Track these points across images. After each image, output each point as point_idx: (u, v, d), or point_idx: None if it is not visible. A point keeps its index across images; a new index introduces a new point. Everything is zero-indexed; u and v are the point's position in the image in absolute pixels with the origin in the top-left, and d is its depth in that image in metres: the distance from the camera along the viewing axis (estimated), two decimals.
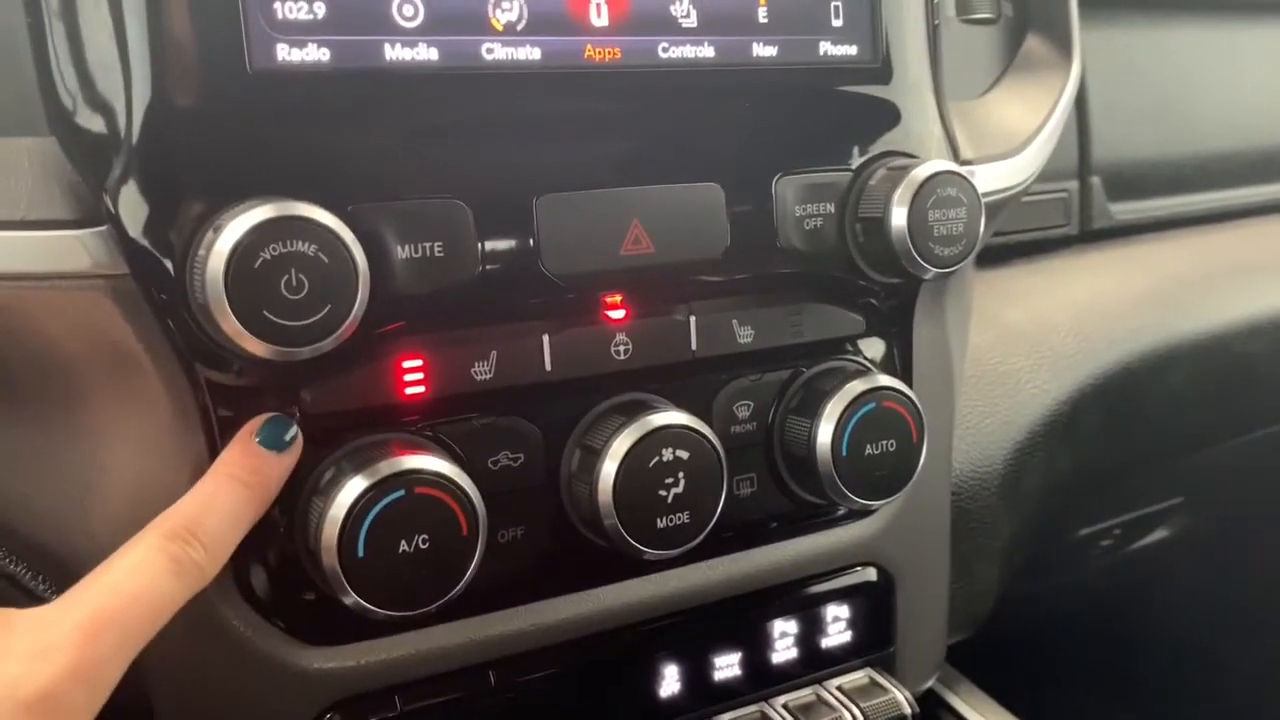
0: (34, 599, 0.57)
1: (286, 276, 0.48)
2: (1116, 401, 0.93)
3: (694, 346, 0.64)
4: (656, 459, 0.59)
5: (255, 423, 0.54)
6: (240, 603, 0.56)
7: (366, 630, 0.59)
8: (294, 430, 0.54)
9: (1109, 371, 0.93)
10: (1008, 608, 1.22)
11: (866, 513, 0.73)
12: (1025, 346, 0.89)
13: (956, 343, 0.81)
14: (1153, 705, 1.59)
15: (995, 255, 0.96)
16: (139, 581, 0.47)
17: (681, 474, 0.60)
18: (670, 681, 0.68)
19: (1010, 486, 0.85)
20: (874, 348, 0.72)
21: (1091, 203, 1.05)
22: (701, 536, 0.62)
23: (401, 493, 0.53)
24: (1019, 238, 0.99)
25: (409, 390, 0.57)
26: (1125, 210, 1.07)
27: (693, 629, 0.68)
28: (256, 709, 0.57)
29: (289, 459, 0.54)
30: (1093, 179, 1.05)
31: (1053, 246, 1.00)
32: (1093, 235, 1.05)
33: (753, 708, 0.70)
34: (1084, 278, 0.99)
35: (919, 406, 0.67)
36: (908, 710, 0.71)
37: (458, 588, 0.55)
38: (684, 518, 0.60)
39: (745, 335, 0.66)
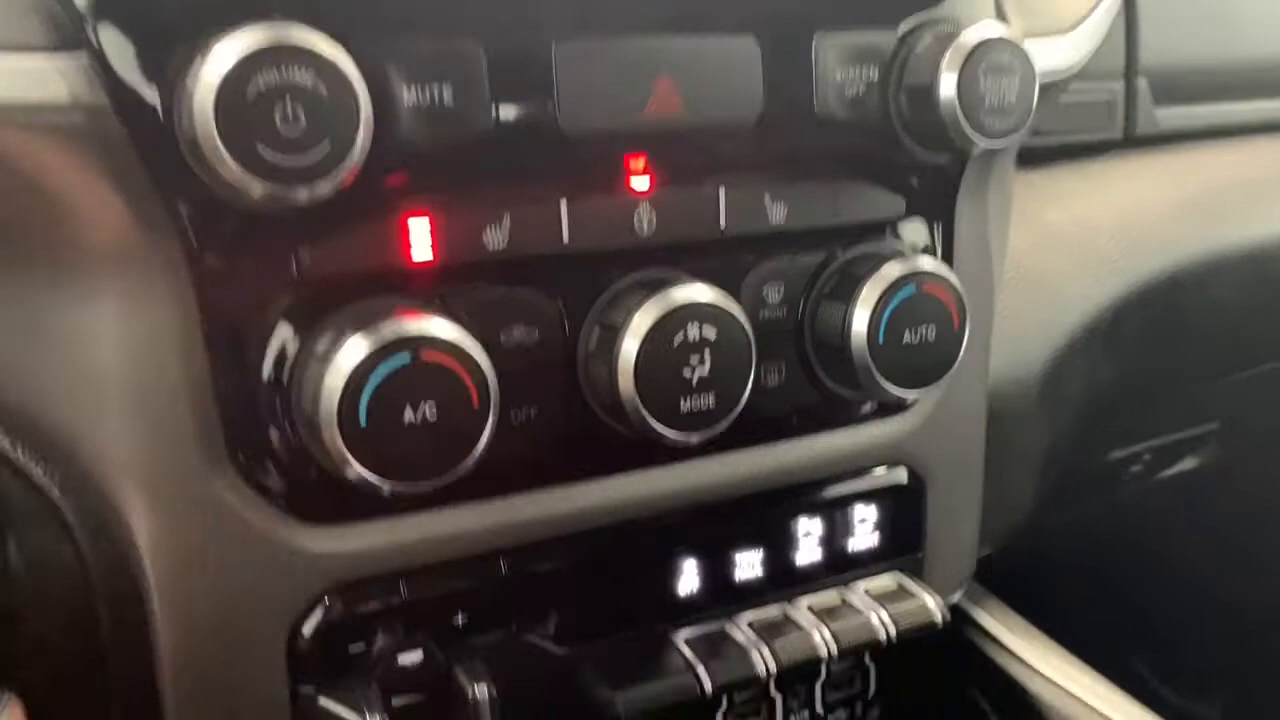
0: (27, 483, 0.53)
1: (282, 109, 0.44)
2: (1159, 311, 0.89)
3: (723, 222, 0.59)
4: (681, 336, 0.55)
5: None
6: (235, 478, 0.53)
7: (370, 510, 0.55)
8: None
9: (1153, 279, 0.88)
10: (1034, 534, 1.20)
11: (898, 410, 0.69)
12: (1067, 249, 0.85)
13: (997, 236, 0.77)
14: (1165, 642, 1.57)
15: (1036, 157, 0.90)
16: None
17: (708, 353, 0.56)
18: (689, 578, 0.64)
19: (1050, 393, 0.81)
20: (915, 232, 0.67)
21: (1137, 106, 0.99)
22: (728, 421, 0.58)
23: (408, 358, 0.49)
24: (1061, 139, 0.93)
25: (415, 254, 0.53)
26: (1171, 116, 1.01)
27: (714, 525, 0.65)
28: (253, 590, 0.54)
29: None
30: (1139, 80, 0.99)
31: (1096, 150, 0.95)
32: (1137, 141, 0.99)
33: (775, 608, 0.67)
34: (1128, 183, 0.93)
35: (960, 291, 0.63)
36: (937, 616, 0.68)
37: (467, 462, 0.51)
38: (709, 401, 0.56)
39: (778, 213, 0.61)
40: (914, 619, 0.67)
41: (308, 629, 0.55)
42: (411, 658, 0.57)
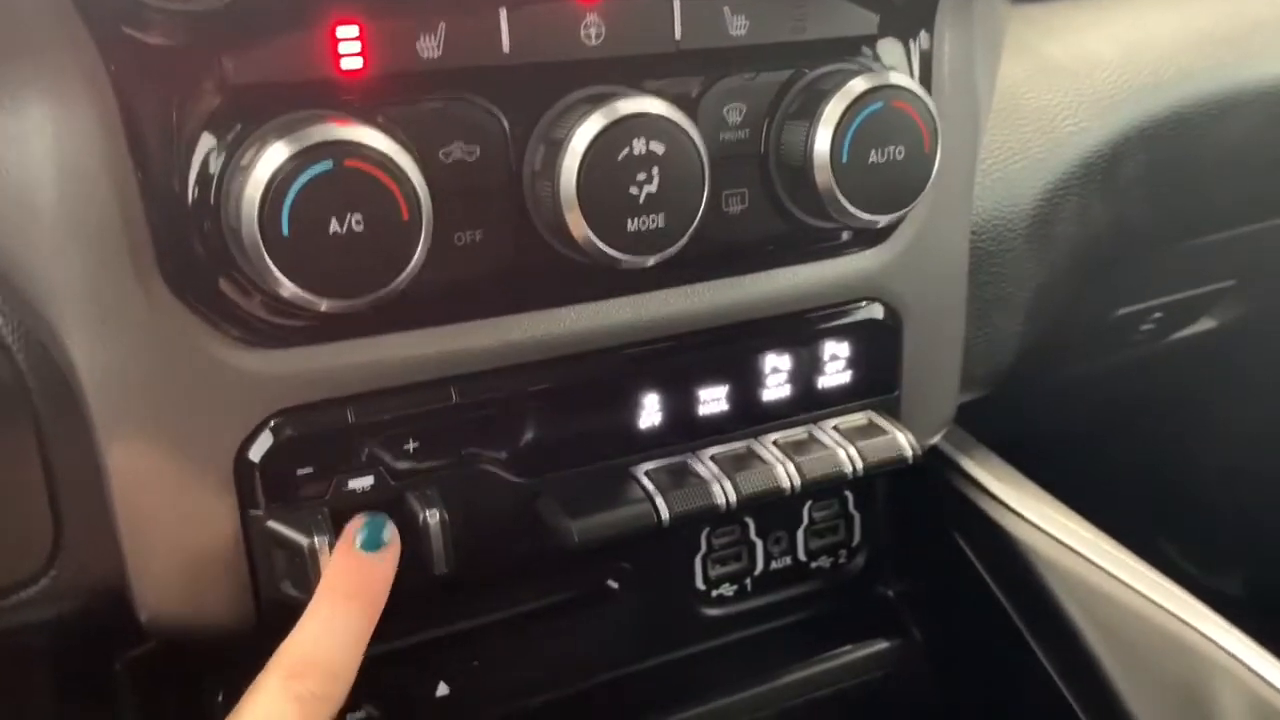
0: None
1: None
2: (1164, 151, 0.85)
3: (678, 34, 0.56)
4: (626, 151, 0.53)
5: (353, 528, 0.55)
6: (173, 301, 0.52)
7: (315, 334, 0.54)
8: (391, 529, 0.55)
9: (1158, 115, 0.84)
10: (1042, 396, 1.17)
11: (874, 243, 0.67)
12: (1065, 82, 0.80)
13: (986, 63, 0.73)
14: (1188, 515, 1.55)
15: None
16: None
17: (656, 169, 0.54)
18: (651, 412, 0.63)
19: (1038, 233, 0.78)
20: (890, 52, 0.64)
21: None
22: (681, 242, 0.56)
23: (329, 164, 0.47)
24: None
25: (345, 63, 0.50)
26: None
27: (676, 358, 0.63)
28: (197, 414, 0.53)
29: (390, 559, 0.55)
30: None
31: None
32: None
33: (740, 443, 0.66)
34: (1139, 13, 0.88)
35: (932, 109, 0.59)
36: (908, 451, 0.66)
37: (400, 278, 0.50)
38: (659, 220, 0.54)
39: (739, 26, 0.58)
40: (882, 454, 0.66)
41: (254, 453, 0.54)
42: (362, 483, 0.57)
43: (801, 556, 0.84)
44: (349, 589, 0.53)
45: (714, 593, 0.82)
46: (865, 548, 0.86)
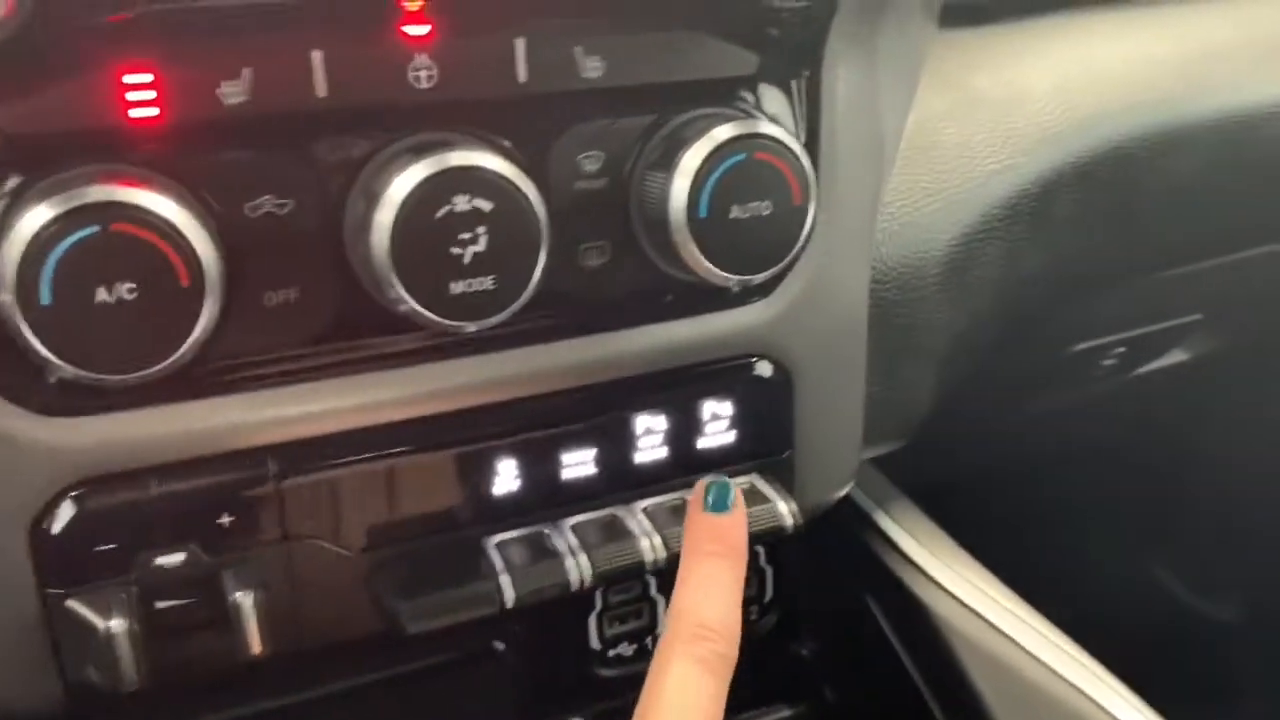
0: None
1: None
2: (1103, 188, 0.79)
3: (522, 76, 0.52)
4: (447, 209, 0.48)
5: (698, 495, 0.56)
6: None
7: (113, 402, 0.50)
8: (733, 490, 0.56)
9: (1097, 151, 0.78)
10: (1001, 432, 1.12)
11: (759, 296, 0.62)
12: (990, 115, 0.75)
13: (894, 95, 0.68)
14: (1178, 541, 1.51)
15: (964, 14, 0.80)
16: (688, 699, 0.49)
17: (482, 228, 0.49)
18: (506, 479, 0.59)
19: (954, 279, 0.73)
20: (771, 96, 0.59)
21: None
22: (517, 305, 0.51)
23: (95, 229, 0.43)
24: None
25: (136, 111, 0.46)
26: None
27: (534, 419, 0.59)
28: None
29: (741, 515, 0.56)
30: None
31: (1042, 7, 0.84)
32: None
33: (607, 512, 0.61)
34: (1079, 41, 0.83)
35: (803, 160, 0.55)
36: (787, 521, 0.62)
37: (183, 349, 0.45)
38: (487, 282, 0.50)
39: (593, 67, 0.53)
40: (761, 524, 0.61)
41: (53, 527, 0.50)
42: (171, 559, 0.52)
43: None
44: (714, 547, 0.54)
45: (610, 652, 0.77)
46: (777, 606, 0.81)
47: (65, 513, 0.50)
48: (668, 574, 0.74)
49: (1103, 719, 0.66)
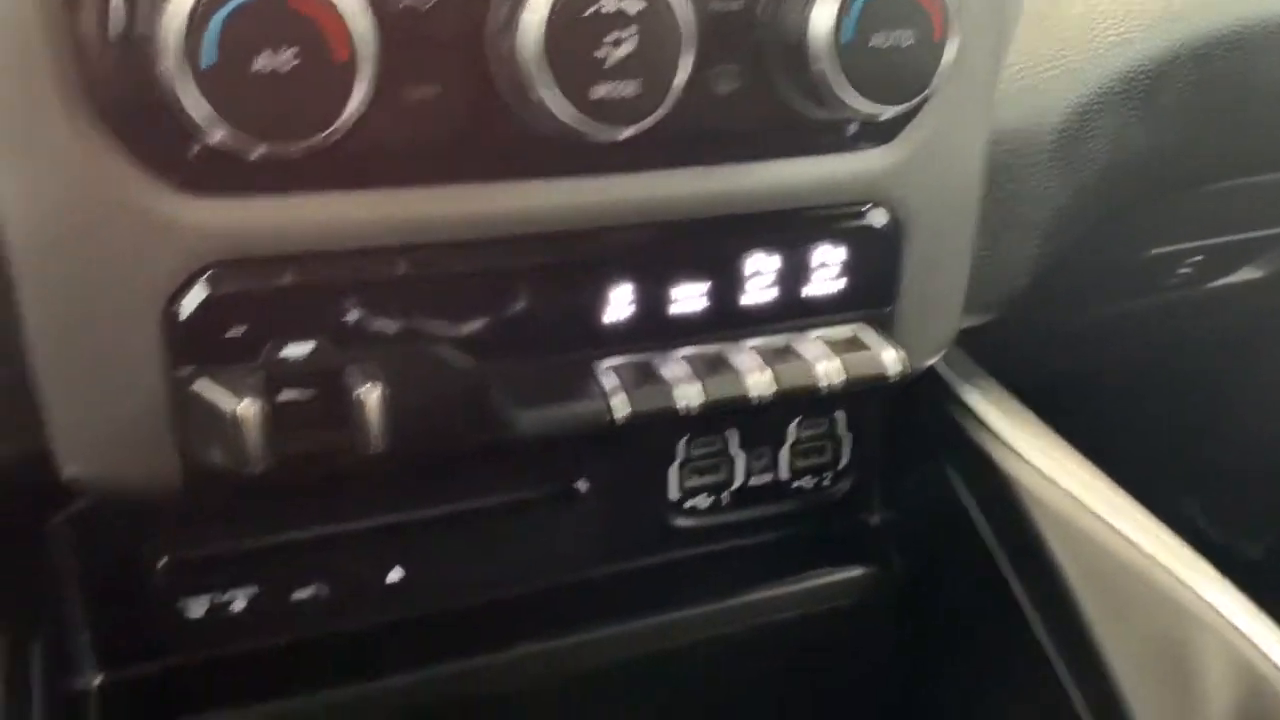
0: None
1: None
2: (1217, 75, 0.78)
3: None
4: (594, 8, 0.48)
5: None
6: (99, 136, 0.48)
7: (254, 183, 0.50)
8: None
9: (1217, 34, 0.77)
10: (1064, 336, 1.12)
11: (881, 141, 0.62)
12: None
13: None
14: (1210, 476, 1.50)
15: None
16: None
17: (631, 29, 0.49)
18: (618, 306, 0.59)
19: (1066, 150, 0.72)
20: None
21: None
22: (657, 114, 0.51)
23: None
24: None
25: None
26: None
27: (651, 248, 0.59)
28: (125, 262, 0.50)
29: None
30: None
31: None
32: None
33: (715, 346, 0.61)
34: None
35: None
36: (891, 370, 0.62)
37: (336, 124, 0.46)
38: (632, 86, 0.49)
39: None
40: (864, 370, 0.62)
41: (184, 308, 0.51)
42: (299, 350, 0.53)
43: (784, 475, 0.80)
44: None
45: (687, 504, 0.78)
46: (852, 472, 0.82)
47: (199, 294, 0.51)
48: (755, 424, 0.75)
49: (1181, 591, 0.66)
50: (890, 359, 0.62)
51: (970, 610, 0.77)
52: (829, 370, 0.60)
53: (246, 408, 0.51)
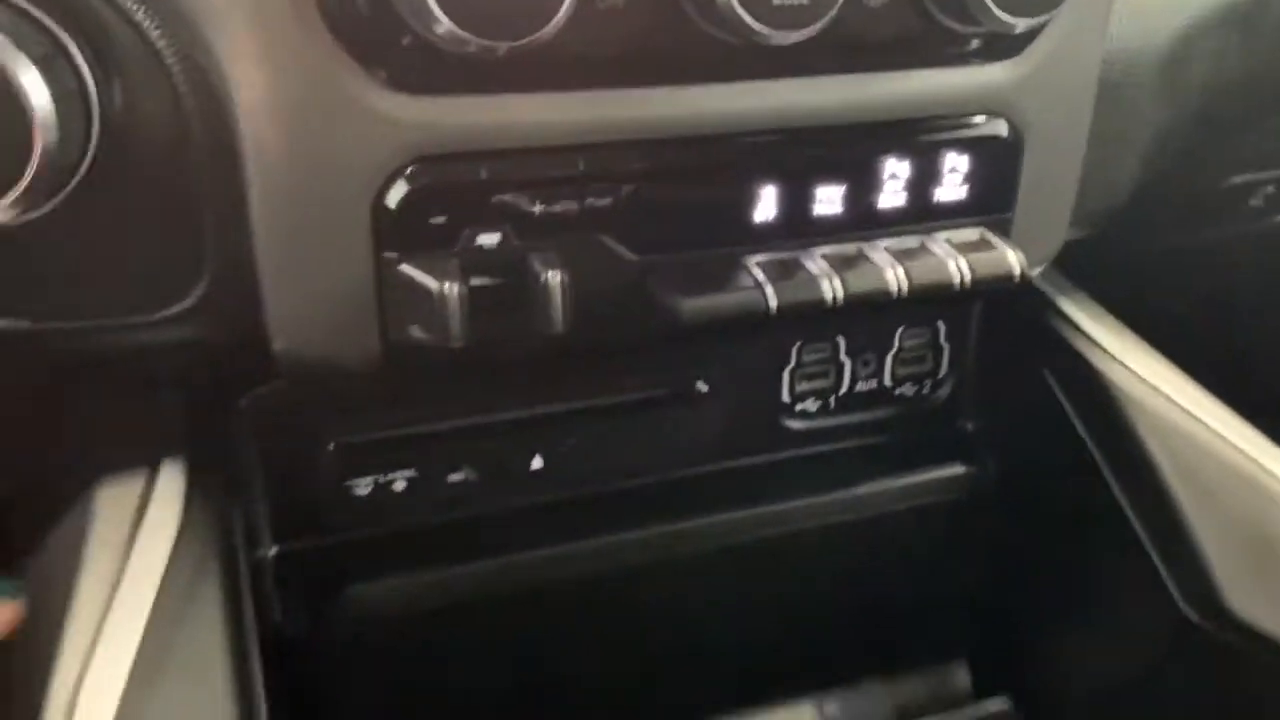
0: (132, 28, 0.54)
1: None
2: None
3: None
4: None
5: None
6: (327, 37, 0.53)
7: (458, 84, 0.55)
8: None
9: None
10: (1142, 261, 1.15)
11: (1006, 55, 0.66)
12: None
13: None
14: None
15: None
16: None
17: None
18: (767, 205, 0.64)
19: (1169, 70, 0.76)
20: None
21: None
22: (823, 22, 0.56)
23: None
24: None
25: None
26: None
27: (797, 151, 0.64)
28: (342, 152, 0.55)
29: None
30: None
31: None
32: None
33: (852, 245, 0.67)
34: None
35: None
36: (1016, 269, 0.67)
37: (548, 26, 0.51)
38: None
39: None
40: (991, 269, 0.67)
41: (392, 197, 0.56)
42: (490, 239, 0.59)
43: (887, 381, 0.86)
44: None
45: (798, 406, 0.84)
46: (951, 379, 0.87)
47: (405, 185, 0.56)
48: (863, 332, 0.81)
49: (1267, 480, 0.72)
50: (1014, 259, 0.67)
51: (1068, 506, 0.83)
52: (959, 267, 0.65)
53: (451, 287, 0.56)
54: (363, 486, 0.73)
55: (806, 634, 0.85)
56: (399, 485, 0.74)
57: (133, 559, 0.59)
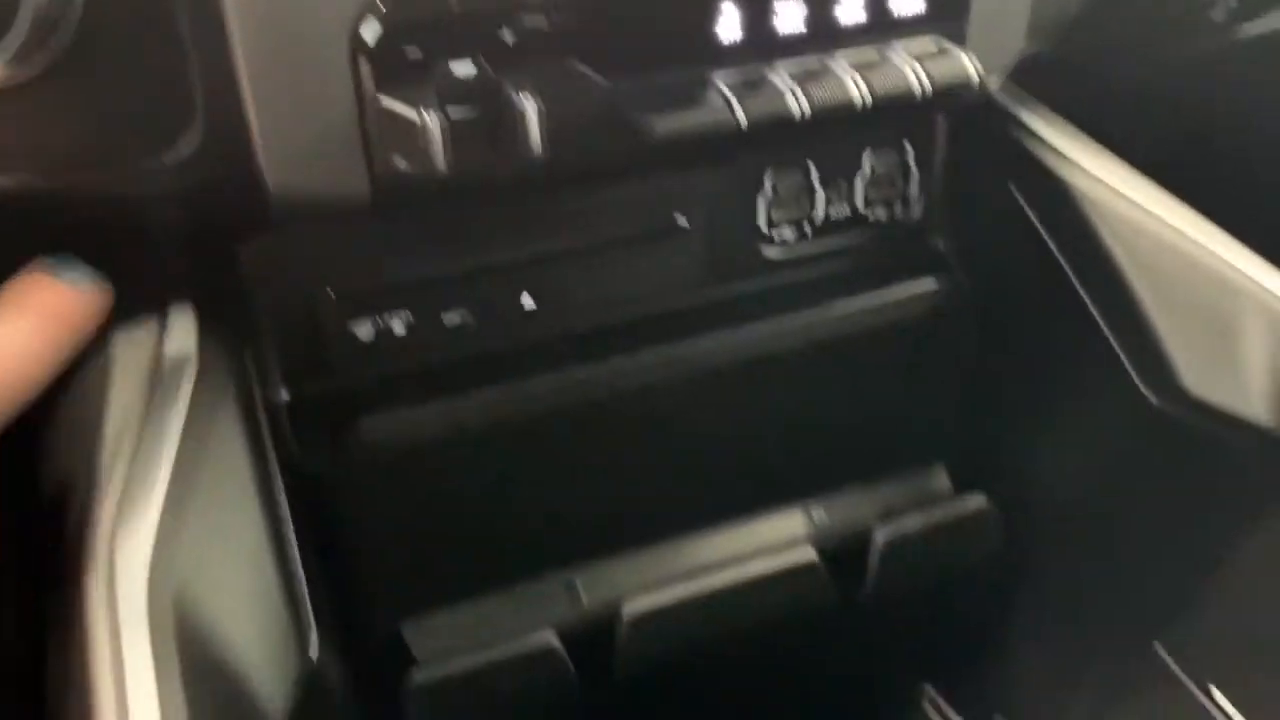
0: None
1: None
2: None
3: None
4: None
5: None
6: None
7: None
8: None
9: None
10: (1107, 82, 1.17)
11: None
12: None
13: None
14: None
15: None
16: None
17: None
18: (729, 22, 0.67)
19: None
20: None
21: None
22: None
23: None
24: None
25: None
26: None
27: None
28: None
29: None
30: None
31: None
32: None
33: (814, 59, 0.69)
34: None
35: None
36: (974, 75, 0.70)
37: None
38: None
39: None
40: (949, 75, 0.69)
41: (367, 29, 0.59)
42: (465, 69, 0.61)
43: (859, 205, 0.89)
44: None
45: (775, 234, 0.87)
46: (921, 200, 0.91)
47: (377, 17, 0.59)
48: (833, 159, 0.83)
49: (1228, 271, 0.75)
50: (970, 65, 0.70)
51: (1036, 311, 0.87)
52: (918, 75, 0.68)
53: (431, 117, 0.59)
54: (364, 330, 0.77)
55: (793, 448, 0.90)
56: (398, 328, 0.78)
57: (156, 396, 0.63)
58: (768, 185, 0.86)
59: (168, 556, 0.54)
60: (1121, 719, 0.88)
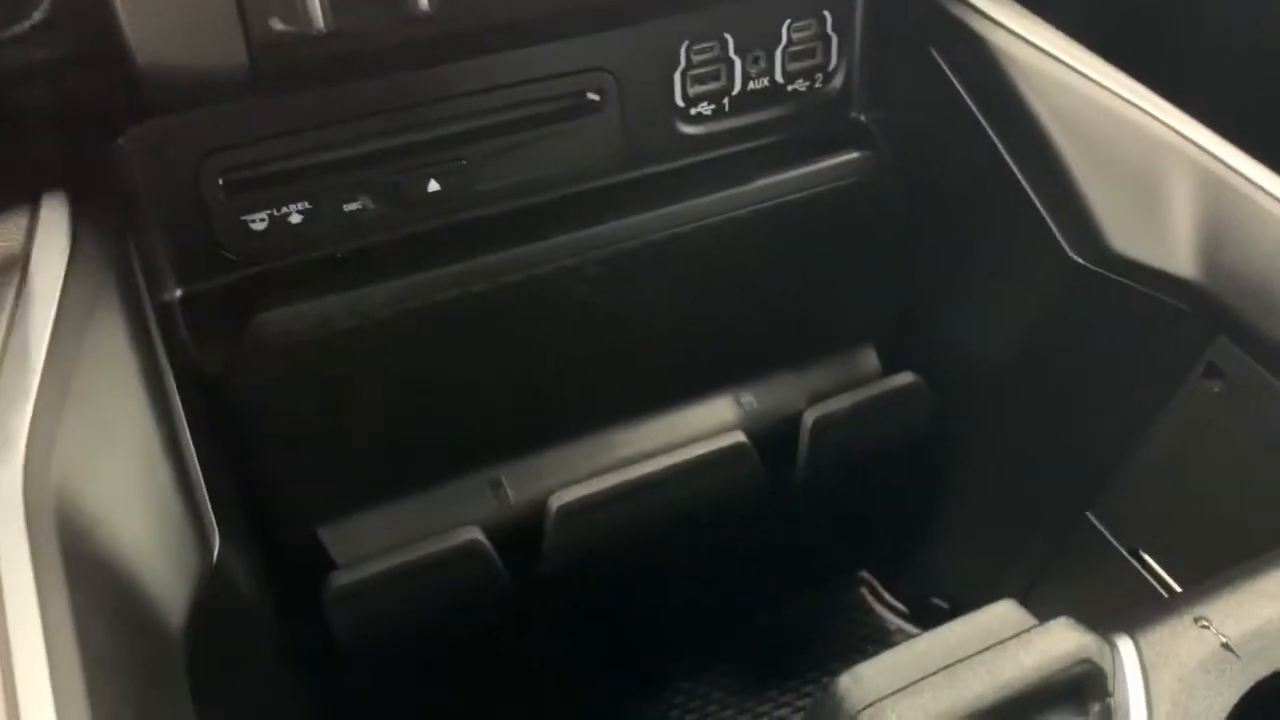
0: None
1: None
2: None
3: None
4: None
5: None
6: None
7: None
8: None
9: None
10: None
11: None
12: None
13: None
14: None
15: None
16: None
17: None
18: None
19: None
20: None
21: None
22: None
23: None
24: None
25: None
26: None
27: None
28: None
29: None
30: None
31: None
32: None
33: None
34: None
35: None
36: None
37: None
38: None
39: None
40: None
41: None
42: None
43: (779, 78, 0.86)
44: None
45: (692, 110, 0.84)
46: (841, 70, 0.88)
47: None
48: (750, 29, 0.80)
49: (1156, 127, 0.73)
50: None
51: (961, 178, 0.84)
52: None
53: None
54: (258, 220, 0.72)
55: (722, 333, 0.88)
56: (295, 218, 0.73)
57: (25, 290, 0.59)
58: (683, 58, 0.82)
59: (43, 450, 0.51)
60: (1055, 588, 0.88)
